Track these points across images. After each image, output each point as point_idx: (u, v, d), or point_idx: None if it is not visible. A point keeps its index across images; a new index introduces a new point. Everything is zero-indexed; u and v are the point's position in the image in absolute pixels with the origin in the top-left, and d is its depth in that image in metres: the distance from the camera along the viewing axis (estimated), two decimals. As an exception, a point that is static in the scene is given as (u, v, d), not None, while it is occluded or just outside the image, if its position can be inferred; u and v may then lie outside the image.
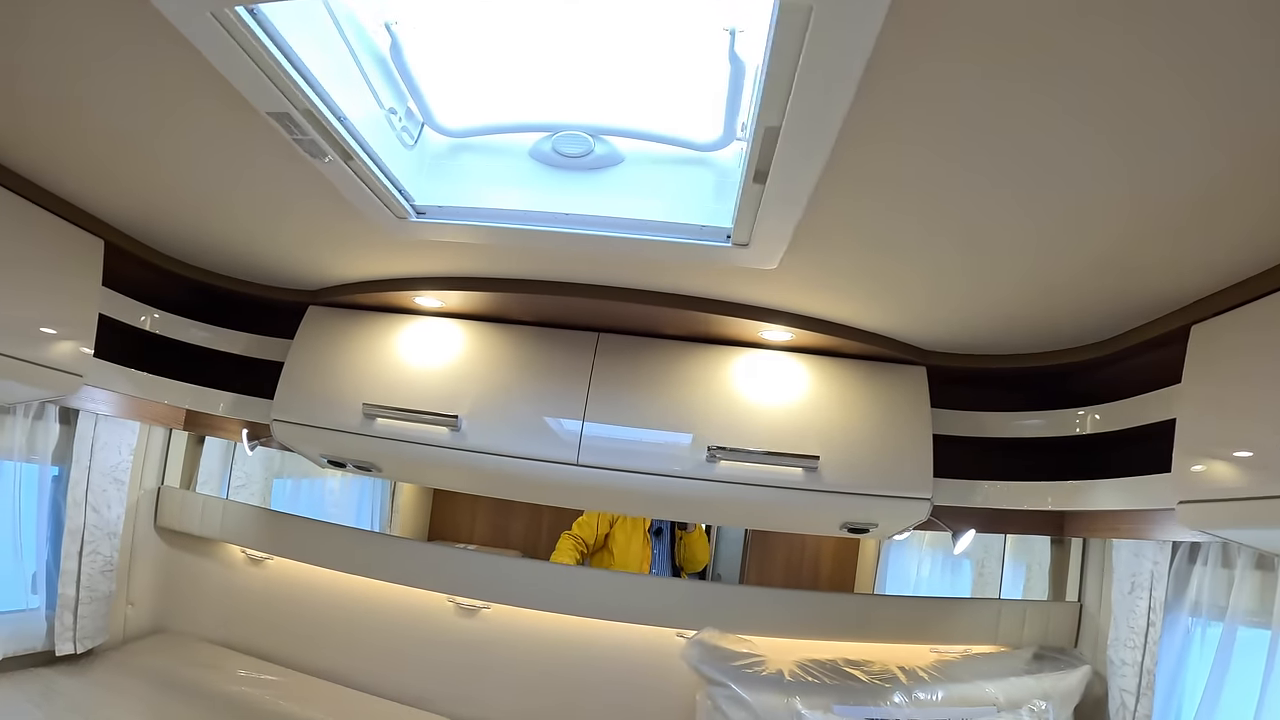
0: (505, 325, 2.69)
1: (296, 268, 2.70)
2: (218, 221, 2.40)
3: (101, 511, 3.14)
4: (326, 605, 3.30)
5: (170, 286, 3.00)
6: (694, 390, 2.54)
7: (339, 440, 2.70)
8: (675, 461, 2.46)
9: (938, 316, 2.32)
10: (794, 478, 2.42)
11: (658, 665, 2.93)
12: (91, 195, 2.34)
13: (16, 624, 2.93)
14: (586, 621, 2.96)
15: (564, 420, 2.53)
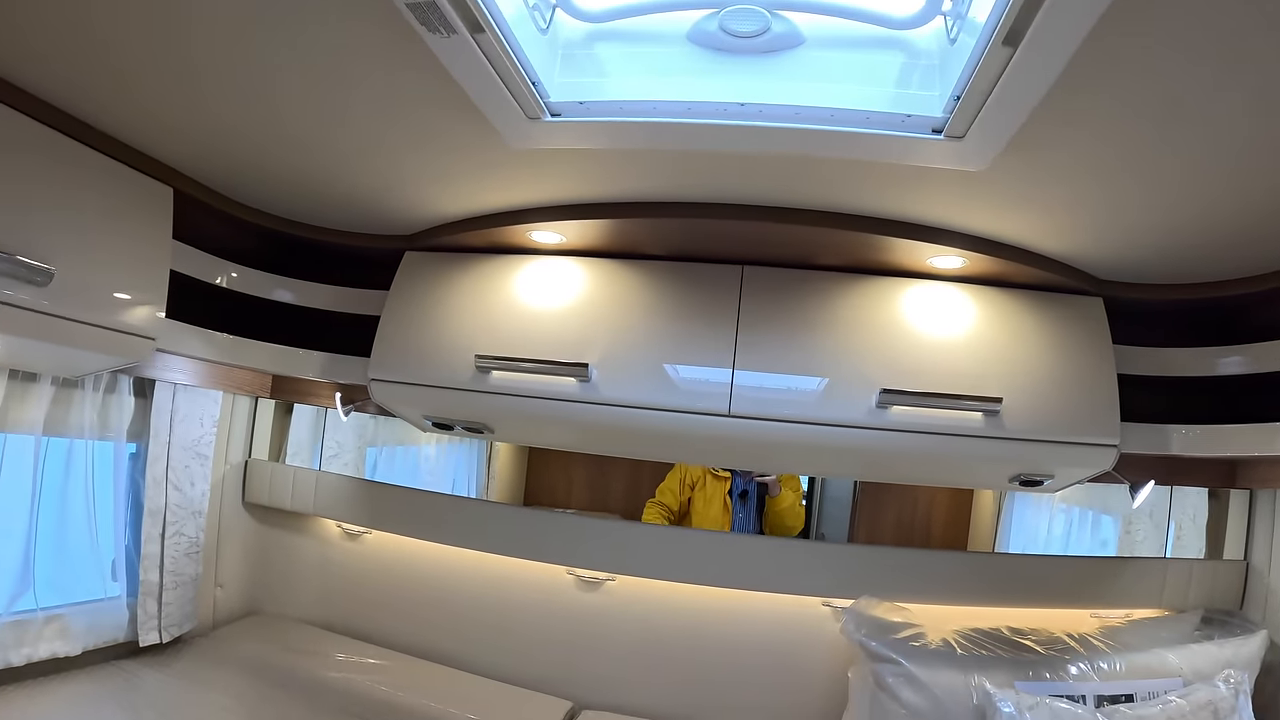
0: (635, 262, 2.27)
1: (392, 205, 2.28)
2: (300, 154, 2.00)
3: (184, 490, 2.81)
4: (431, 581, 2.96)
5: (247, 241, 2.62)
6: (856, 328, 2.12)
7: (447, 399, 2.30)
8: (842, 408, 2.05)
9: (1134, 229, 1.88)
10: (973, 424, 2.02)
11: (801, 639, 2.58)
12: (157, 136, 2.00)
13: (95, 614, 2.61)
14: (720, 593, 2.60)
15: (711, 367, 2.12)
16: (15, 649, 2.37)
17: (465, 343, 2.27)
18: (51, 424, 2.46)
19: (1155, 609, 2.55)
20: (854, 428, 2.05)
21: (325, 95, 1.64)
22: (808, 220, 1.96)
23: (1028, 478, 2.23)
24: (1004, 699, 2.05)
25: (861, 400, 2.04)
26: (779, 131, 1.55)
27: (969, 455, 2.09)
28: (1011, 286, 2.18)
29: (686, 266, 2.24)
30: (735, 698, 2.62)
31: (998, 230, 1.96)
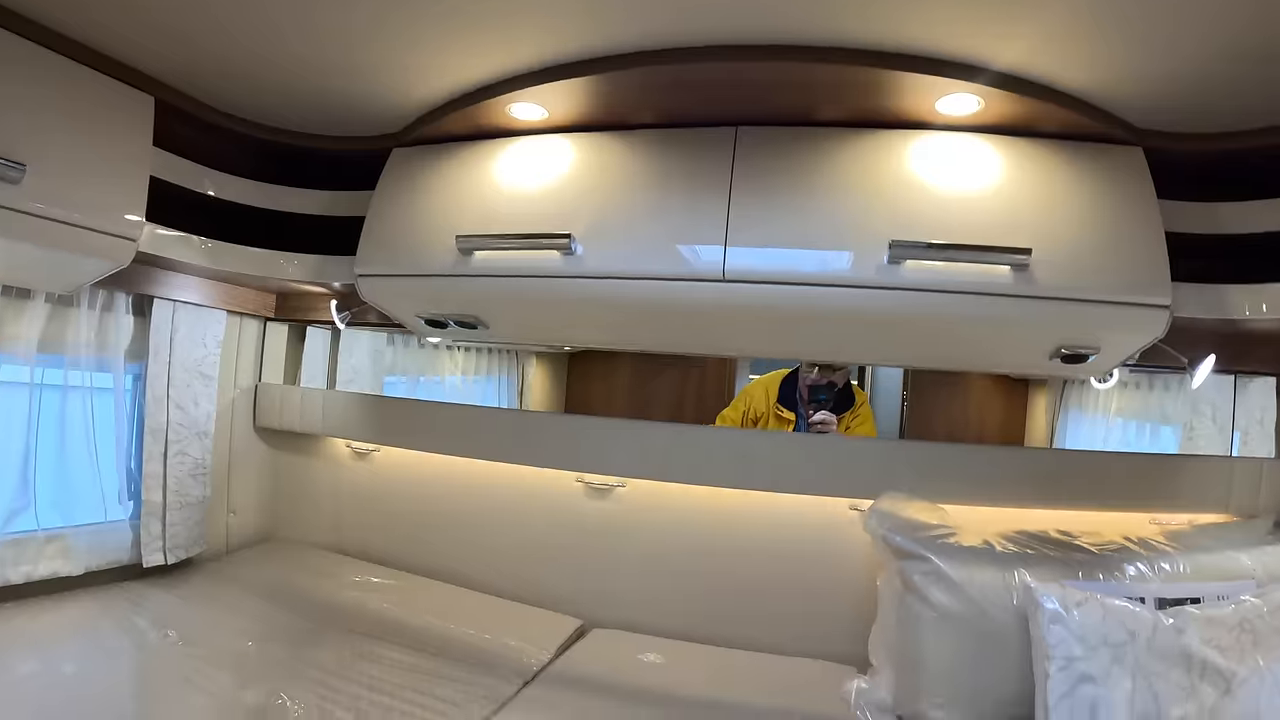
0: (622, 132, 2.04)
1: (372, 94, 2.11)
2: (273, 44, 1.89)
3: (187, 409, 2.69)
4: (440, 498, 2.80)
5: (237, 155, 2.47)
6: (861, 184, 1.85)
7: (432, 288, 2.12)
8: (848, 267, 1.79)
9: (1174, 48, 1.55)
10: (1000, 280, 1.73)
11: (827, 548, 2.33)
12: (135, 42, 1.92)
13: (98, 535, 2.52)
14: (738, 498, 2.36)
15: (703, 228, 1.87)
16: (14, 566, 2.31)
17: (449, 229, 2.07)
18: (47, 343, 2.38)
19: (1222, 514, 2.23)
20: (864, 287, 1.78)
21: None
22: (803, 56, 1.70)
23: (1070, 350, 1.93)
24: (1047, 594, 1.71)
25: (870, 257, 1.77)
26: None
27: (999, 319, 1.79)
28: (1038, 136, 1.87)
29: (677, 133, 2.00)
30: (754, 612, 2.38)
31: (1019, 61, 1.67)
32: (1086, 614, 1.64)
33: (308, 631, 2.32)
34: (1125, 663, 1.59)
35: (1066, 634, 1.63)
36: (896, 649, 1.95)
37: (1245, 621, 1.70)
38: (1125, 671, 1.58)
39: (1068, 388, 3.33)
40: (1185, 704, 1.56)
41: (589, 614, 2.49)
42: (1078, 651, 1.61)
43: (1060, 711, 1.57)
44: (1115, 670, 1.58)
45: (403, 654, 2.19)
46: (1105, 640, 1.61)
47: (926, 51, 1.68)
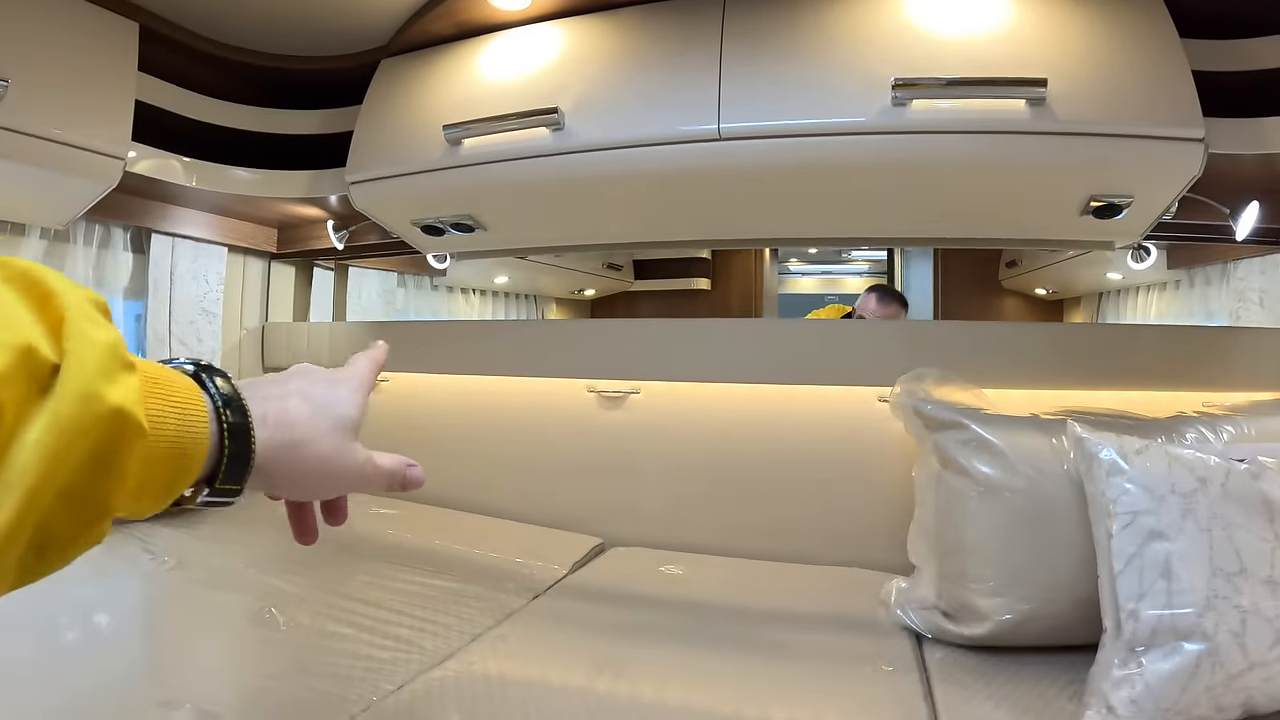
0: (607, 13, 1.90)
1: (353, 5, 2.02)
2: None
3: (191, 346, 2.56)
4: (453, 424, 2.63)
5: (227, 83, 2.36)
6: (859, 31, 1.65)
7: (424, 185, 1.97)
8: (850, 112, 1.59)
9: None
10: (1016, 117, 1.52)
11: (857, 442, 2.09)
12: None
13: None
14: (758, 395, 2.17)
15: (696, 88, 1.70)
16: None
17: (437, 123, 1.93)
18: None
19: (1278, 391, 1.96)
20: (868, 134, 1.58)
21: None
22: None
23: (1103, 199, 1.72)
24: (1102, 443, 1.40)
25: (874, 100, 1.57)
26: None
27: (1019, 161, 1.59)
28: None
29: (662, 6, 1.85)
30: (782, 521, 2.15)
31: None
32: (1149, 460, 1.36)
33: (315, 559, 2.13)
34: (1198, 514, 1.31)
35: (1129, 485, 1.35)
36: (936, 538, 1.69)
37: (1326, 468, 1.41)
38: (1200, 524, 1.30)
39: (1104, 300, 3.13)
40: (1273, 557, 1.27)
41: (609, 533, 2.30)
42: (1144, 504, 1.33)
43: (1129, 576, 1.30)
44: (1188, 524, 1.30)
45: (410, 575, 2.02)
46: (1174, 489, 1.33)
47: None
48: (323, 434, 0.67)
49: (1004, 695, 1.40)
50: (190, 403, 0.54)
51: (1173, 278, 2.84)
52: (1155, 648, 1.25)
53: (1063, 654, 1.48)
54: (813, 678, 1.45)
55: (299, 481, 0.69)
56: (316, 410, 0.68)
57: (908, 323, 2.49)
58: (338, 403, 0.71)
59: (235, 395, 0.59)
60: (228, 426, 0.57)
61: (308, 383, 0.71)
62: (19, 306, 0.44)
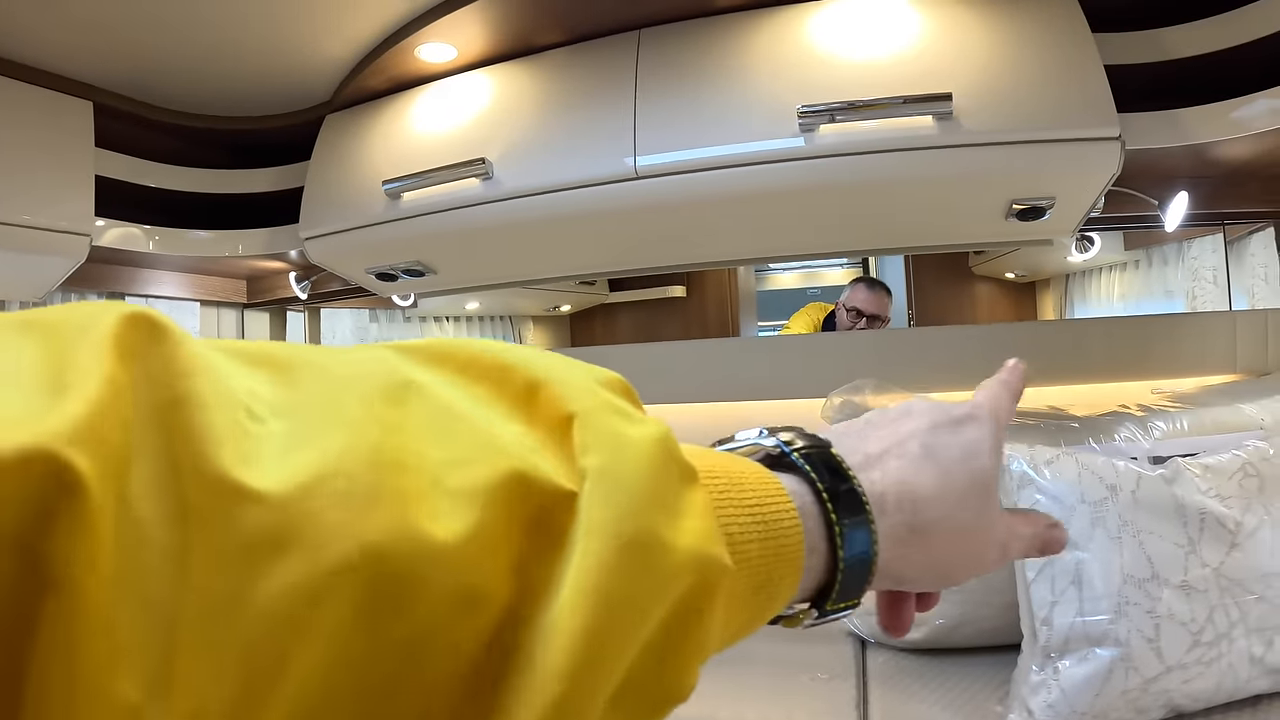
0: (529, 58, 1.94)
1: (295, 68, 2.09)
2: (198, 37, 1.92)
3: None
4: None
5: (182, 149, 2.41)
6: (767, 64, 1.67)
7: (371, 238, 2.02)
8: (760, 142, 1.62)
9: None
10: (925, 133, 1.52)
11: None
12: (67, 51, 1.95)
13: None
14: (709, 412, 2.20)
15: (612, 132, 1.73)
16: None
17: (377, 177, 1.98)
18: None
19: (1230, 374, 1.98)
20: (781, 161, 1.60)
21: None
22: None
23: (1024, 204, 1.72)
24: (1014, 456, 1.45)
25: (782, 129, 1.59)
26: None
27: (932, 176, 1.58)
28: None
29: (582, 47, 1.89)
30: None
31: None
32: (1058, 471, 1.39)
33: None
34: (1108, 523, 1.32)
35: (1039, 496, 1.38)
36: None
37: (1249, 466, 1.41)
38: (1109, 532, 1.32)
39: (1071, 281, 3.15)
40: (1186, 562, 1.29)
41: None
42: (1054, 515, 1.39)
43: (1041, 584, 1.34)
44: (1098, 532, 1.32)
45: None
46: (1083, 498, 1.35)
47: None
48: (956, 504, 0.45)
49: (938, 698, 1.45)
50: (773, 508, 0.36)
51: (1132, 258, 2.85)
52: (1069, 654, 1.28)
53: (998, 654, 1.52)
54: (756, 685, 1.51)
55: (926, 574, 0.46)
56: (946, 471, 0.45)
57: (853, 335, 2.50)
58: (972, 453, 0.47)
59: (842, 475, 0.40)
60: (840, 534, 0.39)
61: (926, 426, 0.47)
62: (491, 411, 0.29)
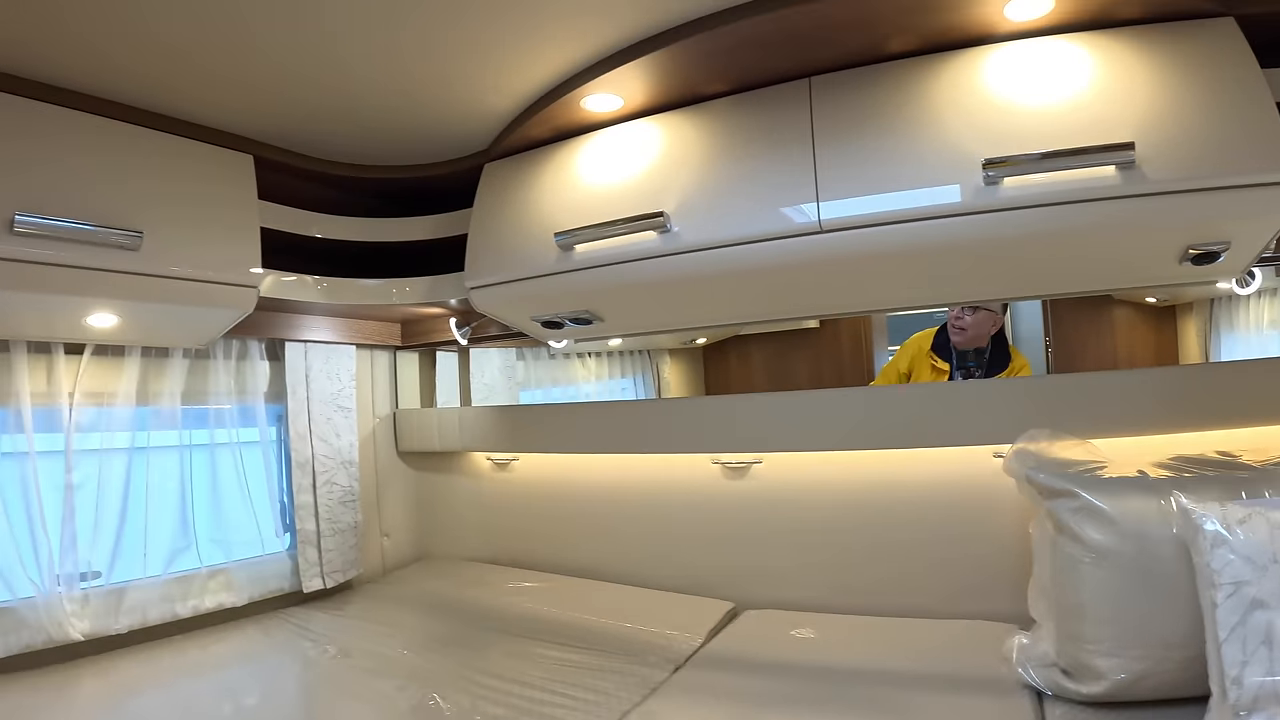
0: (697, 106, 2.00)
1: (456, 119, 2.19)
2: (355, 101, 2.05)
3: (330, 441, 2.78)
4: (583, 499, 2.81)
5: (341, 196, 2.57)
6: (944, 112, 1.73)
7: (541, 288, 2.12)
8: (944, 195, 1.68)
9: None
10: (1107, 183, 1.57)
11: (975, 500, 2.18)
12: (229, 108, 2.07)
13: (258, 566, 2.67)
14: (876, 458, 2.27)
15: (793, 183, 1.80)
16: (182, 601, 2.45)
17: (547, 229, 2.08)
18: (191, 394, 2.53)
19: None
20: (964, 215, 1.66)
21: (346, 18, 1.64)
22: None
23: (1200, 249, 1.77)
24: (1206, 515, 1.49)
25: (966, 181, 1.66)
26: None
27: (1113, 225, 1.62)
28: (1118, 25, 1.70)
29: (752, 95, 1.94)
30: (906, 577, 2.26)
31: None
32: (1252, 530, 1.44)
33: (462, 638, 2.35)
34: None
35: (1232, 556, 1.42)
36: (1054, 597, 1.77)
37: None
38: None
39: (1216, 306, 3.12)
40: None
41: (739, 596, 2.44)
42: (1246, 574, 1.40)
43: (1233, 644, 1.38)
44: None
45: (555, 650, 2.18)
46: (1275, 558, 1.40)
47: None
48: None
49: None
50: None
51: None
52: (1258, 712, 1.33)
53: (1177, 707, 1.57)
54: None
55: None
56: None
57: (1019, 380, 2.52)
58: None
59: None
60: None
61: None
62: None
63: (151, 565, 2.43)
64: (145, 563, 2.42)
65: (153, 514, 2.45)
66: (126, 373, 2.39)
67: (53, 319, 2.10)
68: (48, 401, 2.25)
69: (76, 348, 2.31)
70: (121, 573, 2.37)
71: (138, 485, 2.42)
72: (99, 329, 2.18)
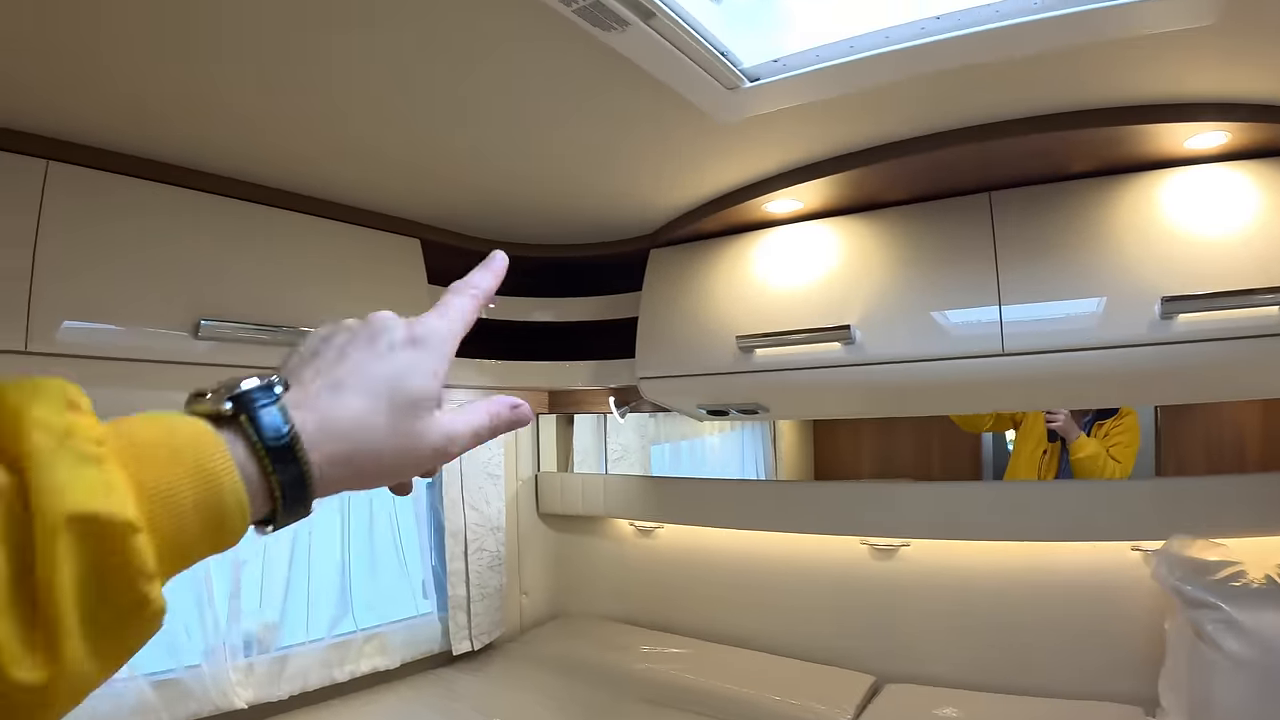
0: (877, 212, 2.09)
1: (622, 210, 2.26)
2: (521, 184, 2.06)
3: (481, 509, 2.94)
4: (726, 568, 2.92)
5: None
6: (1121, 236, 1.82)
7: (716, 385, 2.23)
8: (1122, 327, 1.77)
9: None
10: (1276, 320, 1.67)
11: (1112, 591, 2.29)
12: (401, 197, 2.16)
13: (410, 630, 2.82)
14: (1020, 547, 2.39)
15: (976, 308, 1.90)
16: (339, 666, 2.62)
17: (724, 326, 2.19)
18: None
19: None
20: (1139, 346, 1.76)
21: (536, 124, 1.67)
22: (1054, 125, 1.70)
23: None
24: None
25: (1142, 314, 1.75)
26: (985, 35, 1.34)
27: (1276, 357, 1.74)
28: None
29: (931, 206, 2.03)
30: (1042, 659, 2.37)
31: (1257, 90, 1.59)
32: None
33: (603, 704, 2.49)
34: None
35: None
36: (1187, 693, 1.93)
37: None
38: None
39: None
40: None
41: (880, 669, 2.55)
42: None
43: None
44: None
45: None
46: None
47: (1176, 99, 1.65)
48: (384, 430, 0.57)
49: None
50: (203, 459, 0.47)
51: None
52: None
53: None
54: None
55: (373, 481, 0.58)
56: (373, 399, 0.57)
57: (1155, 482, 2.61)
58: (405, 376, 0.60)
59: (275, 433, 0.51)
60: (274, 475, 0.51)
61: (368, 353, 0.60)
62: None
63: (313, 632, 2.58)
64: (307, 630, 2.57)
65: (314, 582, 2.61)
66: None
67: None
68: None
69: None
70: (283, 640, 2.52)
71: (300, 555, 2.57)
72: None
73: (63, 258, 1.60)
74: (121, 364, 1.69)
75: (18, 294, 1.54)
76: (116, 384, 1.73)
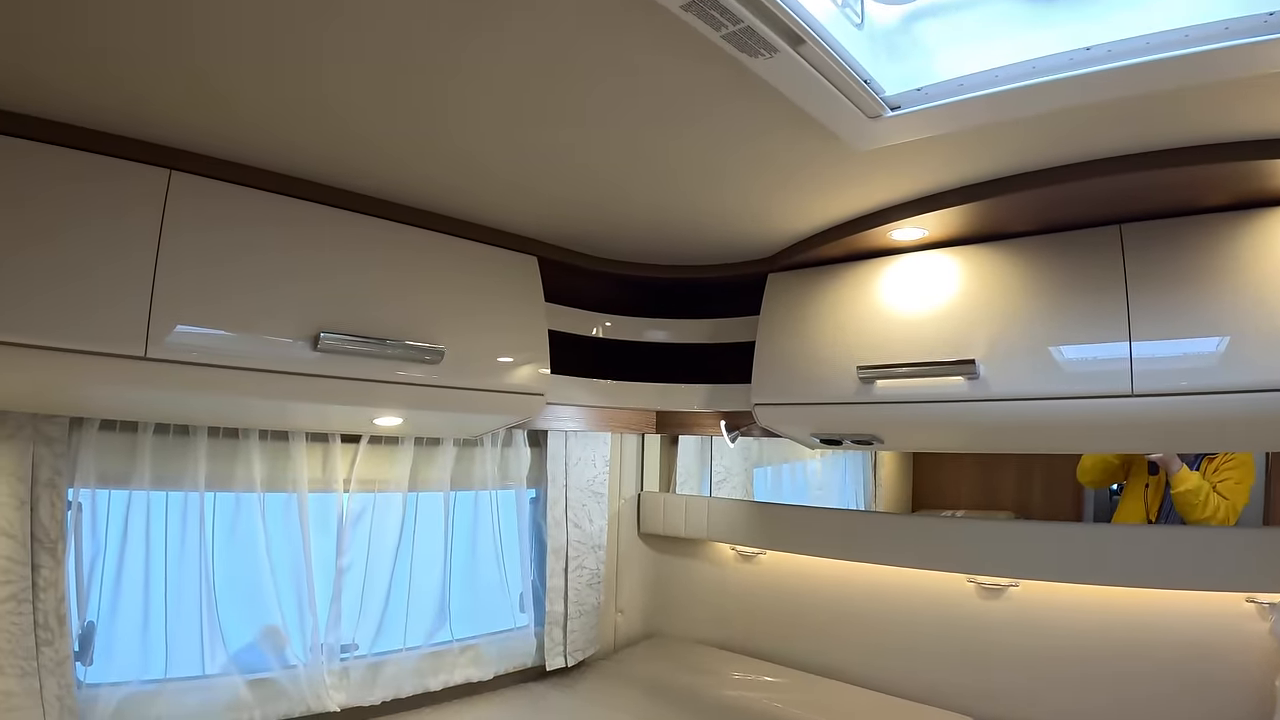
0: (1004, 243, 2.11)
1: (746, 232, 2.31)
2: (647, 204, 2.13)
3: (584, 526, 3.02)
4: (826, 597, 2.94)
5: (615, 291, 2.78)
6: (1254, 275, 1.79)
7: (833, 414, 2.27)
8: (1262, 372, 1.74)
9: None
10: None
11: (1224, 642, 2.24)
12: (516, 215, 2.24)
13: (505, 643, 2.90)
14: (1131, 593, 2.35)
15: (1103, 344, 1.89)
16: (433, 675, 2.70)
17: (844, 355, 2.23)
18: (457, 479, 2.76)
19: None
20: (1262, 391, 1.73)
21: (662, 143, 1.72)
22: (1186, 159, 1.69)
23: None
24: None
25: (1271, 358, 1.73)
26: (1133, 70, 1.37)
27: None
28: None
29: (1059, 238, 2.04)
30: (1144, 710, 2.34)
31: None
32: None
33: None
34: None
35: None
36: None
37: None
38: None
39: None
40: None
41: (977, 711, 2.54)
42: None
43: None
44: None
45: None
46: None
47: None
48: None
49: None
50: None
51: None
52: None
53: None
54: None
55: None
56: None
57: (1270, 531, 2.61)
58: None
59: None
60: None
61: None
62: None
63: (410, 640, 2.68)
64: (405, 638, 2.66)
65: (415, 591, 2.70)
66: (399, 460, 2.63)
67: (337, 419, 2.30)
68: (323, 488, 2.49)
69: (352, 437, 2.54)
70: (380, 646, 2.61)
71: (402, 565, 2.67)
72: (382, 427, 2.37)
73: (184, 267, 1.70)
74: (233, 372, 1.77)
75: (138, 302, 1.63)
76: (229, 391, 1.81)
